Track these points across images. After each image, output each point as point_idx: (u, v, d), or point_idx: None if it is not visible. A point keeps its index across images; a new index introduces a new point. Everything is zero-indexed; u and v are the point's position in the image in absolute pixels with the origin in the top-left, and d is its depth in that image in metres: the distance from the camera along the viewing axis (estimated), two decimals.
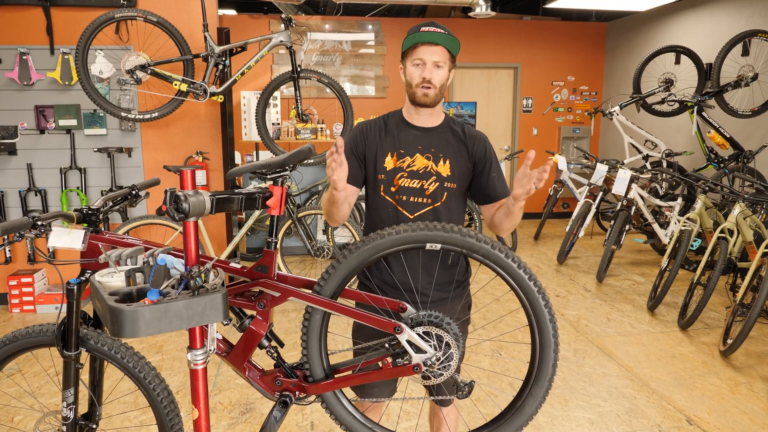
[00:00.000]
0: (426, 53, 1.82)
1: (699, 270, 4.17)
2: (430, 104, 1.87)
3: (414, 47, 1.83)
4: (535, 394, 1.65)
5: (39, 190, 4.54)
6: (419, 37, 1.81)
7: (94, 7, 4.35)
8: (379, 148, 1.92)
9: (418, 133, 1.92)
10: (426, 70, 1.82)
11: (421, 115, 1.92)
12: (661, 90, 6.00)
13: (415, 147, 1.90)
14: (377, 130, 1.94)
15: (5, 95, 4.40)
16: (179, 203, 1.39)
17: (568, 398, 3.18)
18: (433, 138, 1.91)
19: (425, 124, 1.93)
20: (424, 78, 1.83)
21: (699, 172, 5.75)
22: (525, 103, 8.34)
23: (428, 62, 1.82)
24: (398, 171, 1.88)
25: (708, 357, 3.73)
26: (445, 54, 1.83)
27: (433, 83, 1.83)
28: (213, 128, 4.66)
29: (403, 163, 1.89)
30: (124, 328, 1.24)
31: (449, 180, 1.89)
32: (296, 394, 1.74)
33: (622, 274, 5.65)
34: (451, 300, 1.94)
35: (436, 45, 1.81)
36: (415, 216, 1.89)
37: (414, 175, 1.88)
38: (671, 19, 7.04)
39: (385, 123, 1.96)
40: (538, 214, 8.10)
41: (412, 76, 1.86)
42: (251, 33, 6.30)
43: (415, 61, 1.84)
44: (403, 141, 1.91)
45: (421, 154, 1.89)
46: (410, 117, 1.95)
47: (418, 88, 1.84)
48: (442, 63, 1.83)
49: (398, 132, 1.94)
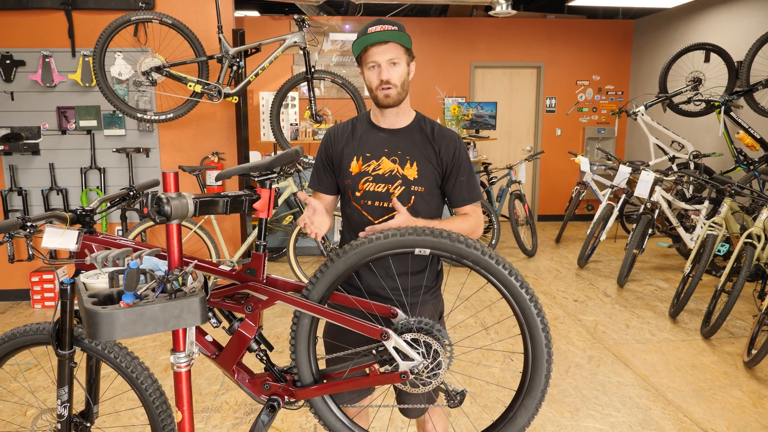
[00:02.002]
0: (378, 54, 1.76)
1: (723, 276, 4.02)
2: (393, 104, 1.81)
3: (365, 51, 1.77)
4: (527, 406, 1.60)
5: (60, 189, 4.64)
6: (367, 39, 1.75)
7: (114, 10, 4.42)
8: (346, 153, 1.87)
9: (384, 135, 1.87)
10: (382, 71, 1.77)
11: (387, 117, 1.86)
12: (689, 89, 5.83)
13: (381, 150, 1.84)
14: (344, 135, 1.90)
15: (29, 97, 4.50)
16: (161, 206, 1.39)
17: (579, 407, 3.10)
18: (400, 140, 1.85)
19: (392, 125, 1.87)
20: (381, 80, 1.77)
21: (727, 174, 5.57)
22: (548, 103, 8.20)
23: (383, 63, 1.76)
24: (363, 175, 1.84)
25: (731, 368, 3.59)
26: (399, 49, 1.77)
27: (393, 82, 1.77)
28: (228, 129, 4.70)
29: (368, 167, 1.84)
30: (100, 331, 1.24)
31: (416, 183, 1.82)
32: (285, 398, 1.72)
33: (645, 279, 5.50)
34: (421, 305, 1.88)
35: (387, 43, 1.75)
36: (378, 221, 1.83)
37: (379, 179, 1.83)
38: (701, 16, 6.83)
39: (353, 126, 1.92)
40: (560, 216, 7.96)
41: (371, 80, 1.80)
42: (272, 34, 6.34)
43: (369, 65, 1.78)
44: (369, 144, 1.86)
45: (387, 157, 1.83)
46: (377, 119, 1.90)
47: (379, 90, 1.79)
48: (396, 59, 1.77)
49: (365, 135, 1.88)
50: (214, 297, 1.69)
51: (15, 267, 4.68)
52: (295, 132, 6.35)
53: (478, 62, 7.98)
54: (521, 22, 7.92)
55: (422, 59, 7.85)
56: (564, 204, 8.08)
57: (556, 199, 8.37)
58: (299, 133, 6.33)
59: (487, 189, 6.75)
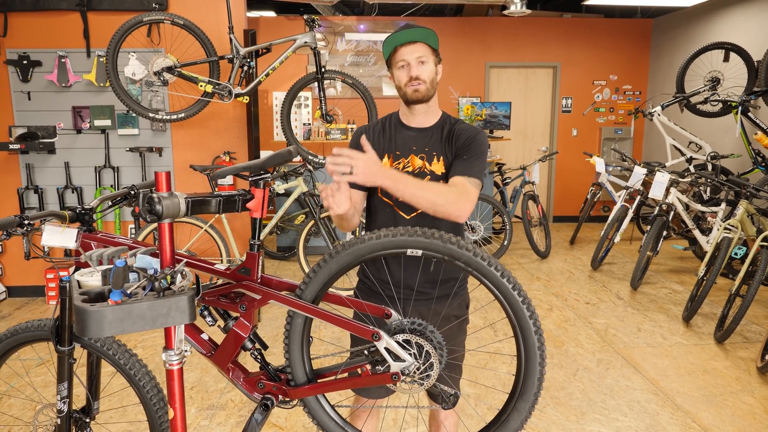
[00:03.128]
0: (407, 53, 1.82)
1: (738, 280, 3.95)
2: (422, 99, 1.85)
3: (395, 52, 1.84)
4: (520, 409, 1.58)
5: (75, 187, 4.72)
6: (396, 39, 1.81)
7: (129, 10, 4.48)
8: (377, 151, 1.89)
9: (413, 134, 1.92)
10: (411, 69, 1.82)
11: (416, 115, 1.91)
12: (706, 89, 5.72)
13: (410, 148, 1.90)
14: (375, 134, 1.95)
15: (45, 96, 4.59)
16: (152, 205, 1.40)
17: (585, 411, 3.06)
18: (428, 138, 1.90)
19: (421, 124, 1.92)
20: (411, 77, 1.82)
21: (744, 176, 5.46)
22: (564, 103, 8.12)
23: (412, 61, 1.82)
24: None
25: (743, 373, 3.52)
26: (426, 49, 1.83)
27: (422, 78, 1.82)
28: (240, 129, 4.73)
29: (398, 164, 1.89)
30: (88, 328, 1.26)
31: (444, 178, 1.86)
32: (279, 397, 1.73)
33: (659, 281, 5.42)
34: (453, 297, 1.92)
35: (415, 43, 1.81)
36: (411, 216, 1.87)
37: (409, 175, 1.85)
38: (720, 15, 6.70)
39: (383, 126, 1.97)
40: (576, 217, 7.88)
41: (400, 79, 1.86)
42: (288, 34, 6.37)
43: (399, 64, 1.84)
44: (398, 142, 1.92)
45: (416, 155, 1.88)
46: (406, 118, 1.95)
47: (408, 86, 1.84)
48: (425, 58, 1.83)
49: (394, 134, 1.94)
50: (210, 296, 1.70)
51: (31, 264, 4.78)
52: (308, 132, 6.37)
53: (494, 62, 7.93)
54: (537, 22, 7.85)
55: None
56: (579, 205, 7.99)
57: (571, 200, 8.29)
58: (312, 132, 6.35)
59: (501, 189, 6.71)
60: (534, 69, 8.09)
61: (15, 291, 4.93)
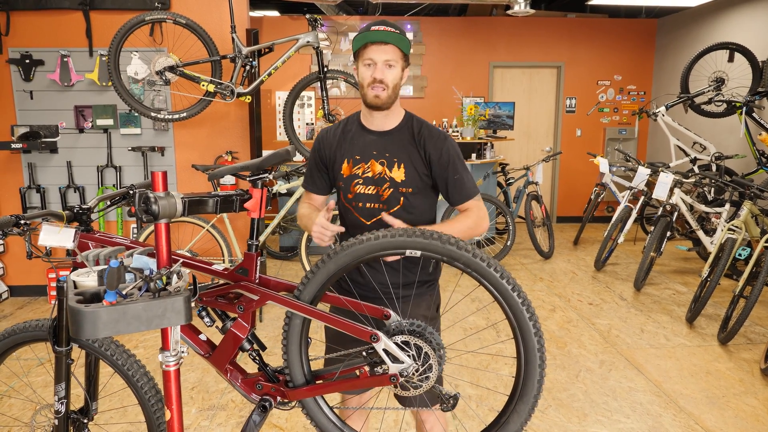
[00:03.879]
0: (376, 53, 1.77)
1: (742, 281, 3.92)
2: (382, 106, 1.82)
3: (364, 47, 1.79)
4: (520, 411, 1.56)
5: (78, 186, 4.72)
6: (368, 36, 1.76)
7: (131, 10, 4.48)
8: (337, 156, 1.90)
9: (373, 137, 1.89)
10: (377, 70, 1.78)
11: (376, 118, 1.88)
12: (711, 89, 5.69)
13: (370, 152, 1.87)
14: (334, 137, 1.93)
15: (47, 96, 4.59)
16: (149, 205, 1.39)
17: (588, 412, 3.04)
18: (389, 142, 1.87)
19: (381, 127, 1.89)
20: (375, 78, 1.78)
21: (749, 176, 5.42)
22: (568, 103, 8.09)
23: (379, 62, 1.78)
24: (354, 178, 1.87)
25: (747, 375, 3.49)
26: (397, 53, 1.79)
27: (386, 82, 1.78)
28: (242, 128, 4.72)
29: (358, 169, 1.87)
30: (83, 329, 1.24)
31: (404, 185, 1.84)
32: (277, 398, 1.71)
33: (663, 282, 5.39)
34: (416, 297, 1.90)
35: (387, 44, 1.76)
36: (371, 222, 1.87)
37: (369, 181, 1.86)
38: (725, 15, 6.66)
39: (343, 129, 1.94)
40: (579, 217, 7.85)
41: (364, 77, 1.82)
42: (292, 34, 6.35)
43: (365, 62, 1.80)
44: (358, 147, 1.89)
45: (376, 160, 1.86)
46: (366, 121, 1.92)
47: (370, 88, 1.80)
48: (393, 62, 1.79)
49: (355, 137, 1.91)
50: (208, 296, 1.69)
51: (33, 263, 4.78)
52: (311, 131, 6.36)
53: (497, 62, 7.91)
54: (541, 22, 7.83)
55: (440, 59, 7.81)
56: (583, 205, 7.97)
57: (575, 201, 8.26)
58: (315, 132, 6.34)
59: (504, 190, 6.68)
60: (538, 69, 8.06)
61: (17, 290, 4.94)
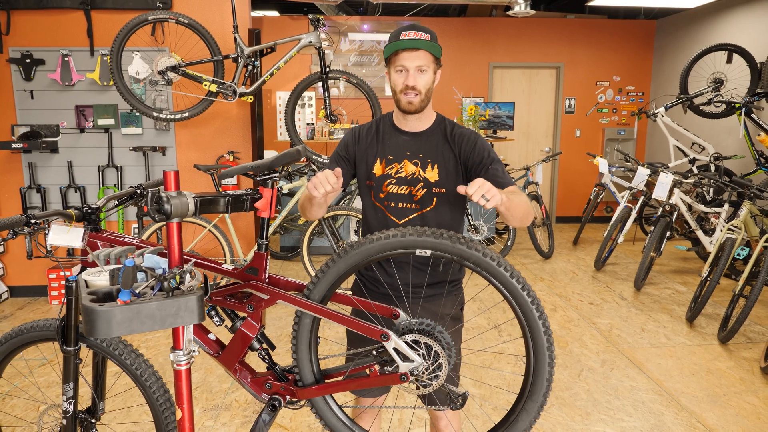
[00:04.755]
0: (407, 59, 1.78)
1: (742, 280, 3.94)
2: (415, 111, 1.84)
3: (396, 54, 1.80)
4: (529, 409, 1.58)
5: (78, 186, 4.72)
6: (399, 44, 1.77)
7: (133, 9, 4.48)
8: (369, 154, 1.91)
9: (407, 138, 1.91)
10: (409, 77, 1.79)
11: (409, 121, 1.90)
12: (710, 90, 5.71)
13: (403, 153, 1.88)
14: (368, 136, 1.94)
15: (48, 95, 4.58)
16: (161, 204, 1.39)
17: (591, 411, 3.05)
18: (422, 143, 1.89)
19: (414, 128, 1.91)
20: (407, 85, 1.80)
21: (748, 177, 5.45)
22: (567, 104, 8.11)
23: (411, 68, 1.79)
24: (387, 177, 1.88)
25: (747, 373, 3.51)
26: (428, 57, 1.80)
27: (418, 88, 1.80)
28: (244, 128, 4.73)
29: (391, 169, 1.88)
30: (97, 328, 1.25)
31: (437, 185, 1.85)
32: (286, 398, 1.72)
33: (663, 282, 5.41)
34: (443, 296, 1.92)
35: (417, 50, 1.77)
36: (402, 222, 1.88)
37: (402, 181, 1.87)
38: (723, 16, 6.69)
39: (376, 128, 1.96)
40: (579, 218, 7.87)
41: (396, 84, 1.83)
42: (292, 34, 6.37)
43: (397, 68, 1.81)
44: (391, 147, 1.90)
45: (409, 160, 1.87)
46: (399, 122, 1.93)
47: (402, 94, 1.81)
48: (425, 67, 1.80)
49: (388, 138, 1.92)
50: (217, 296, 1.70)
51: (33, 263, 4.77)
52: (312, 131, 6.37)
53: (497, 62, 7.92)
54: (541, 22, 7.84)
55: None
56: (582, 205, 7.99)
57: (574, 201, 8.28)
58: (315, 132, 6.35)
59: None
60: (537, 69, 8.08)
61: (17, 291, 4.93)
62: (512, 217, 1.70)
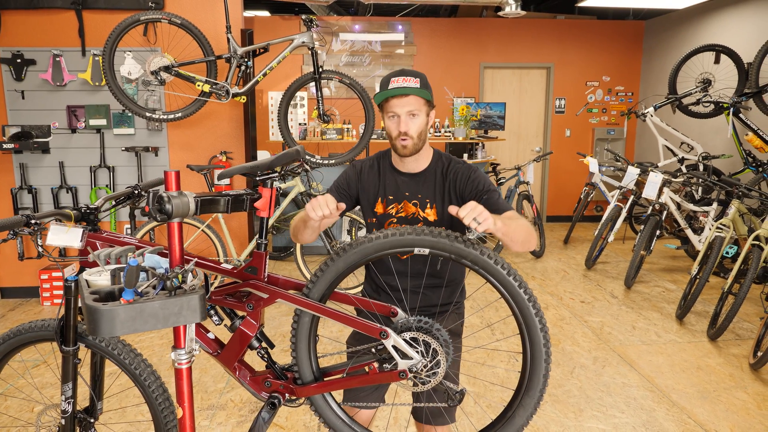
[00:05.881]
0: (398, 106, 1.82)
1: (730, 278, 4.00)
2: (409, 154, 1.87)
3: (386, 101, 1.84)
4: (526, 405, 1.60)
5: (70, 187, 4.69)
6: (389, 92, 1.81)
7: (124, 9, 4.47)
8: (371, 192, 1.96)
9: (405, 179, 1.95)
10: (401, 123, 1.83)
11: (406, 163, 1.93)
12: (698, 90, 5.79)
13: (402, 194, 1.93)
14: (370, 173, 1.98)
15: (39, 96, 4.56)
16: (162, 204, 1.40)
17: (583, 408, 3.09)
18: (420, 184, 1.93)
19: (412, 170, 1.94)
20: (400, 132, 1.83)
21: (735, 176, 5.53)
22: (558, 104, 8.17)
23: (402, 114, 1.83)
24: (388, 217, 1.94)
25: (736, 370, 3.57)
26: (419, 101, 1.83)
27: (410, 134, 1.83)
28: (237, 128, 4.73)
29: (392, 209, 1.94)
30: (100, 327, 1.26)
31: (436, 224, 1.90)
32: (285, 396, 1.73)
33: (653, 280, 5.47)
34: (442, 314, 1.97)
35: (407, 96, 1.81)
36: (404, 258, 1.91)
37: (403, 220, 1.92)
38: (711, 17, 6.78)
39: (378, 166, 1.99)
40: (569, 217, 7.94)
41: (390, 130, 1.87)
42: (283, 34, 6.39)
43: (389, 115, 1.86)
44: (391, 187, 1.95)
45: (409, 201, 1.92)
46: (397, 164, 1.97)
47: (397, 140, 1.85)
48: (416, 111, 1.83)
49: (388, 178, 1.96)
50: (216, 295, 1.71)
51: (24, 264, 4.75)
52: (304, 132, 6.37)
53: (488, 63, 7.97)
54: (531, 23, 7.90)
55: (432, 59, 7.86)
56: (573, 205, 8.06)
57: (565, 200, 8.34)
58: (307, 132, 6.35)
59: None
60: (528, 70, 8.13)
61: (8, 292, 4.89)
62: (512, 242, 1.69)
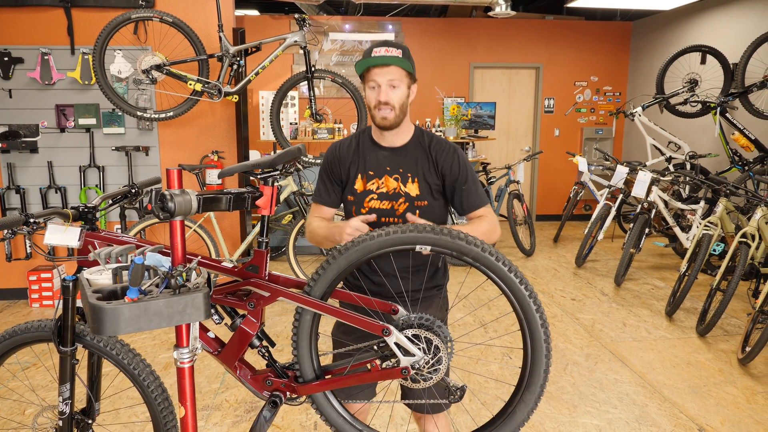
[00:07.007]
0: (379, 75, 1.81)
1: (718, 275, 4.05)
2: (390, 126, 1.86)
3: (368, 70, 1.83)
4: (526, 400, 1.61)
5: (59, 187, 4.64)
6: (369, 61, 1.80)
7: (114, 8, 4.42)
8: (351, 170, 1.95)
9: (386, 153, 1.93)
10: (381, 92, 1.82)
11: (387, 136, 1.92)
12: (685, 90, 5.86)
13: (383, 168, 1.91)
14: (349, 152, 1.96)
15: (27, 94, 4.51)
16: (165, 202, 1.40)
17: (577, 404, 3.12)
18: (402, 158, 1.92)
19: (392, 143, 1.93)
20: (380, 100, 1.82)
21: (722, 174, 5.60)
22: (547, 104, 8.23)
23: (383, 83, 1.82)
24: (368, 193, 1.92)
25: (725, 365, 3.62)
26: (400, 72, 1.82)
27: (391, 103, 1.82)
28: (228, 128, 4.70)
29: (372, 185, 1.92)
30: (104, 326, 1.25)
31: (419, 199, 1.89)
32: (287, 394, 1.73)
33: (642, 278, 5.53)
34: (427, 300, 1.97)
35: (389, 66, 1.80)
36: None
37: (384, 196, 1.90)
38: (698, 18, 6.87)
39: (357, 143, 1.98)
40: (558, 216, 7.99)
41: (370, 99, 1.86)
42: (273, 33, 6.35)
43: (370, 84, 1.84)
44: (371, 163, 1.93)
45: (390, 176, 1.90)
46: (377, 138, 1.96)
47: (377, 110, 1.84)
48: (397, 82, 1.82)
49: (367, 153, 1.95)
50: (217, 294, 1.70)
51: (12, 266, 4.69)
52: (295, 131, 6.36)
53: (478, 62, 8.00)
54: (520, 23, 7.94)
55: (422, 59, 7.87)
56: (562, 204, 8.11)
57: (554, 199, 8.40)
58: (299, 132, 6.34)
59: (486, 189, 6.77)
60: (517, 70, 8.18)
61: None
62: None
